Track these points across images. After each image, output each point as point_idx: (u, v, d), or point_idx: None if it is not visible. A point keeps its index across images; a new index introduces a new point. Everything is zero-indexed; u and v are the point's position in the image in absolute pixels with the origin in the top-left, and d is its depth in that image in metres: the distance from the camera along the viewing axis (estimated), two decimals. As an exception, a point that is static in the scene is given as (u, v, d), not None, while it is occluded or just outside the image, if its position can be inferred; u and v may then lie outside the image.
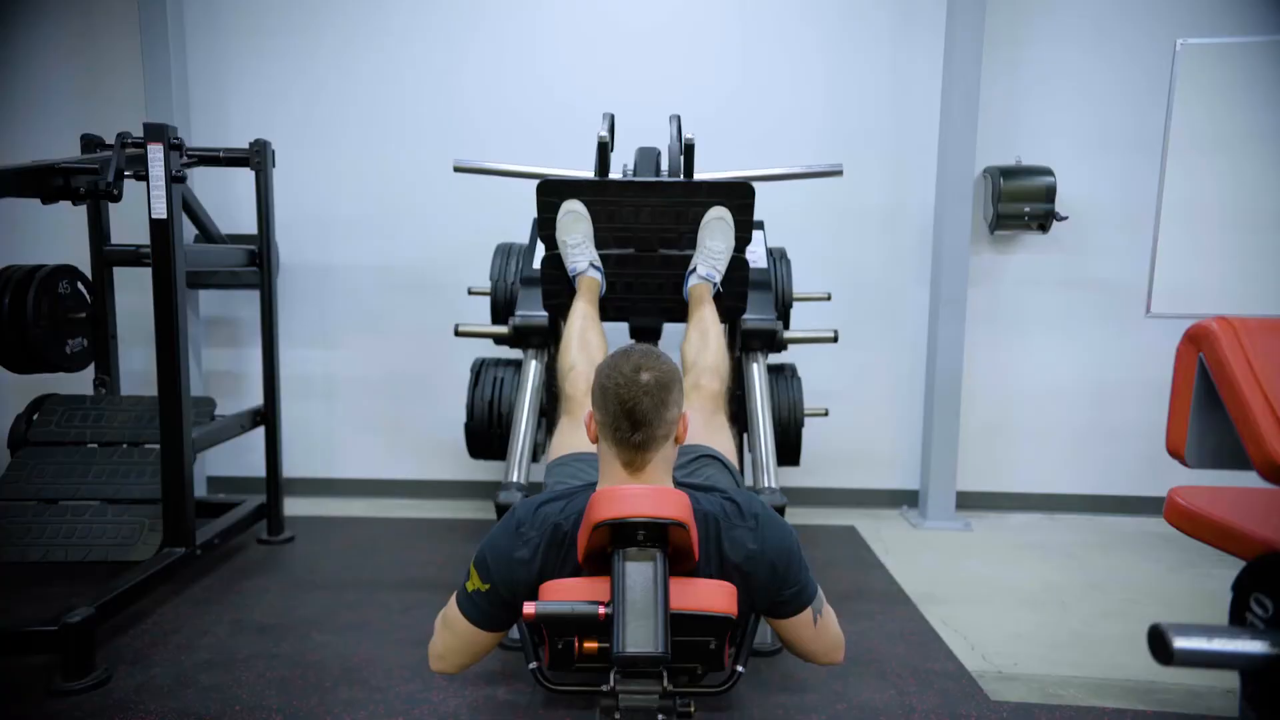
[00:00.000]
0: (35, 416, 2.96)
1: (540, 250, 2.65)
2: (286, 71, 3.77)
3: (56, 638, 2.05)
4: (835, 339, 2.58)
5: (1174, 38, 3.49)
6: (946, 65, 3.53)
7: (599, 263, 2.47)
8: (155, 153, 2.48)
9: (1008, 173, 3.57)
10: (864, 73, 3.71)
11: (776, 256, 3.18)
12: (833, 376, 3.77)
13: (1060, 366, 3.81)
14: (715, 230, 2.45)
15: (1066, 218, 3.60)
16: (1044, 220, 3.57)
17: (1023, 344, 3.81)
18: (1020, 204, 3.55)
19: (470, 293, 3.23)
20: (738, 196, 2.47)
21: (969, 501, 3.84)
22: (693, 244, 2.51)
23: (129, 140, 2.64)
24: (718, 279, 2.44)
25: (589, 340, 2.26)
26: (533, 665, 1.58)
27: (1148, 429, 3.65)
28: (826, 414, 3.30)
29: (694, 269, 2.46)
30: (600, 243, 2.51)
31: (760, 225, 3.06)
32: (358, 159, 3.81)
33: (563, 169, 3.23)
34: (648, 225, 2.51)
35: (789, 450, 3.07)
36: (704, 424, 2.04)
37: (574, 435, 2.01)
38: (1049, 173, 3.56)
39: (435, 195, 3.79)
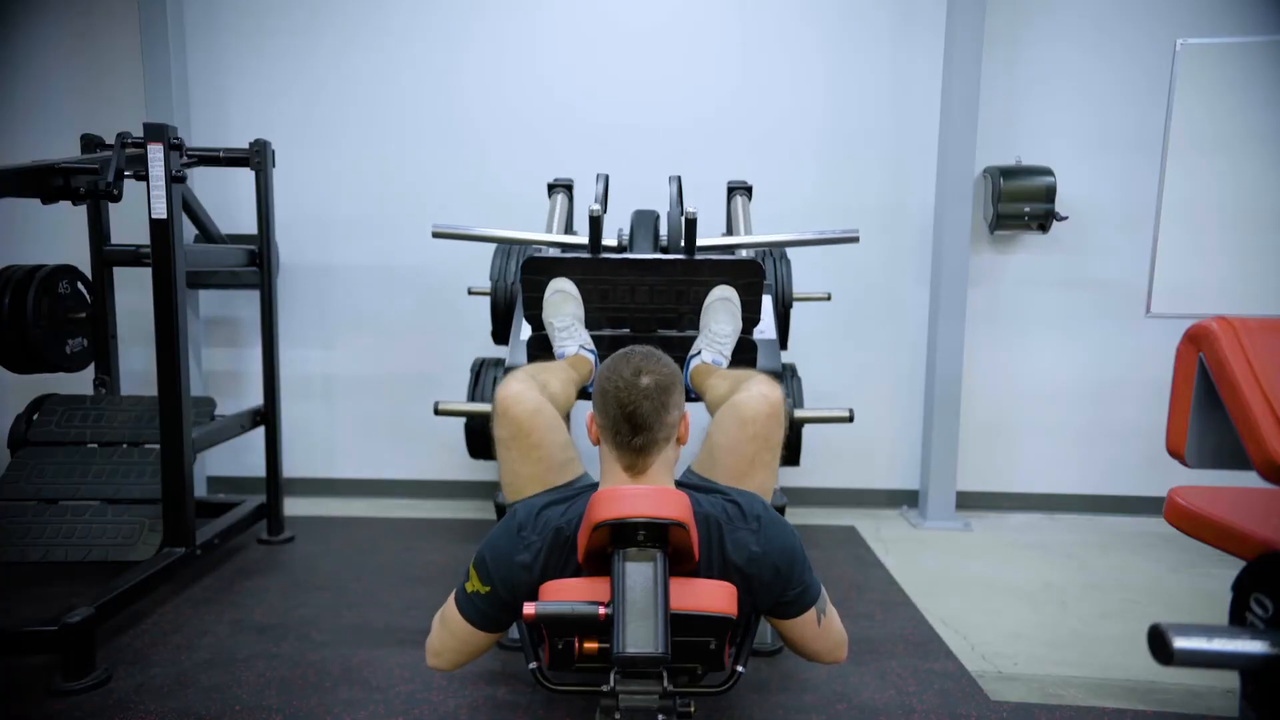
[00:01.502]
0: (35, 416, 2.96)
1: (526, 330, 2.45)
2: (286, 71, 3.77)
3: (56, 638, 2.05)
4: (850, 419, 2.46)
5: (1174, 38, 3.49)
6: (946, 65, 3.53)
7: (591, 345, 2.24)
8: (155, 153, 2.48)
9: (1008, 173, 3.57)
10: (864, 73, 3.71)
11: (776, 257, 3.17)
12: (833, 377, 3.77)
13: (1060, 366, 3.81)
14: (720, 312, 2.23)
15: (1066, 218, 3.60)
16: (1044, 220, 3.57)
17: (1023, 344, 3.81)
18: (1020, 204, 3.54)
19: (470, 293, 3.23)
20: (745, 275, 2.25)
21: (969, 501, 3.84)
22: (694, 325, 2.32)
23: (129, 140, 2.64)
24: (725, 364, 2.19)
25: (550, 368, 2.02)
26: (533, 665, 1.58)
27: (1148, 429, 3.65)
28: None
29: (697, 353, 2.21)
30: (592, 324, 2.32)
31: (768, 289, 2.94)
32: (358, 159, 3.81)
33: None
34: (645, 305, 2.30)
35: (789, 450, 3.04)
36: (749, 460, 1.72)
37: (525, 469, 1.72)
38: (1049, 173, 3.56)
39: (435, 195, 3.79)
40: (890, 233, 3.78)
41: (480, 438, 3.08)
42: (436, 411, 2.41)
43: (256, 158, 3.07)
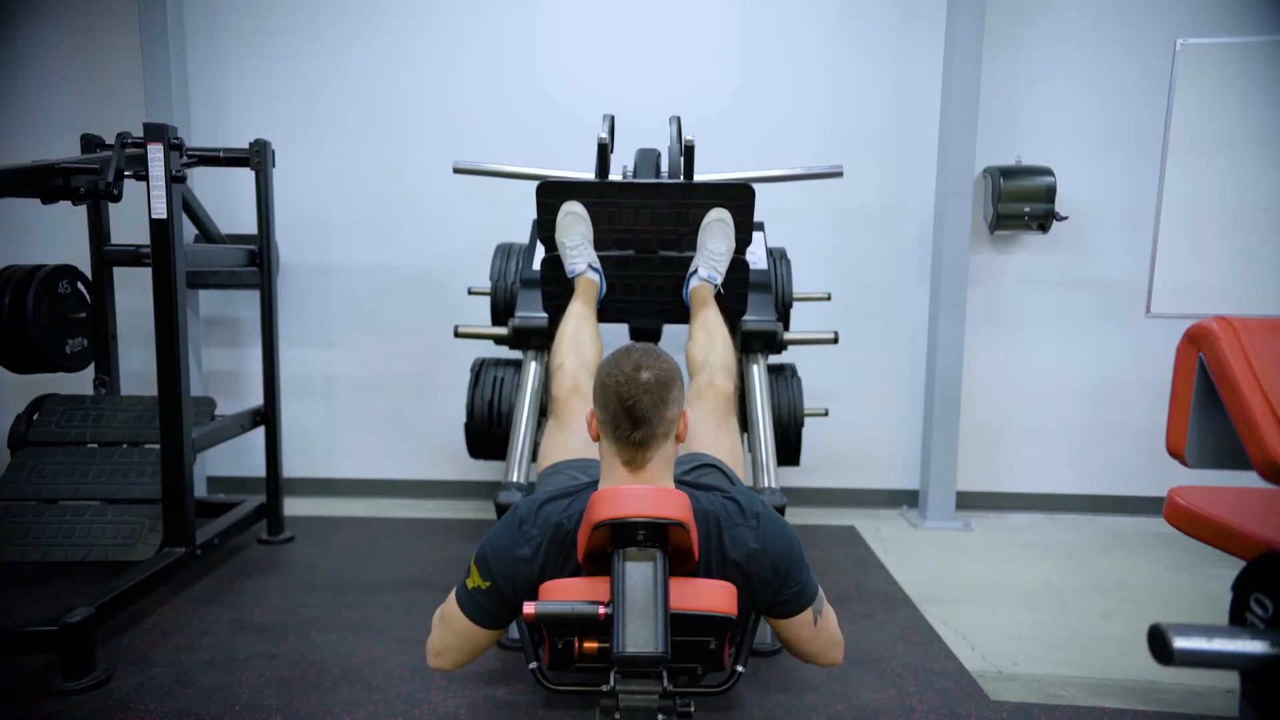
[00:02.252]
0: (35, 416, 2.96)
1: (540, 251, 2.65)
2: (286, 71, 3.77)
3: (56, 638, 2.05)
4: (835, 340, 2.58)
5: (1174, 38, 3.49)
6: (946, 65, 3.53)
7: (598, 264, 2.47)
8: (155, 153, 2.48)
9: (1008, 173, 3.57)
10: (864, 73, 3.71)
11: (776, 256, 3.17)
12: (832, 376, 3.77)
13: (1060, 366, 3.81)
14: (715, 232, 2.45)
15: (1066, 218, 3.60)
16: (1044, 220, 3.57)
17: (1023, 344, 3.81)
18: (1020, 204, 3.54)
19: (470, 293, 3.23)
20: (738, 198, 2.47)
21: (969, 501, 3.84)
22: (693, 246, 2.52)
23: (129, 140, 2.63)
24: (719, 280, 2.44)
25: (580, 340, 2.25)
26: (533, 665, 1.58)
27: (1148, 429, 3.65)
28: (826, 414, 3.30)
29: (694, 271, 2.46)
30: (600, 244, 2.51)
31: (760, 226, 3.06)
32: (358, 159, 3.81)
33: (563, 169, 3.24)
34: (647, 227, 2.51)
35: (789, 450, 3.07)
36: (715, 428, 2.03)
37: (561, 438, 2.01)
38: (1049, 173, 3.56)
39: (435, 195, 3.79)
40: (890, 233, 3.78)
41: (480, 438, 3.08)
42: (457, 334, 2.84)
43: (256, 158, 3.07)
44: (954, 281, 3.58)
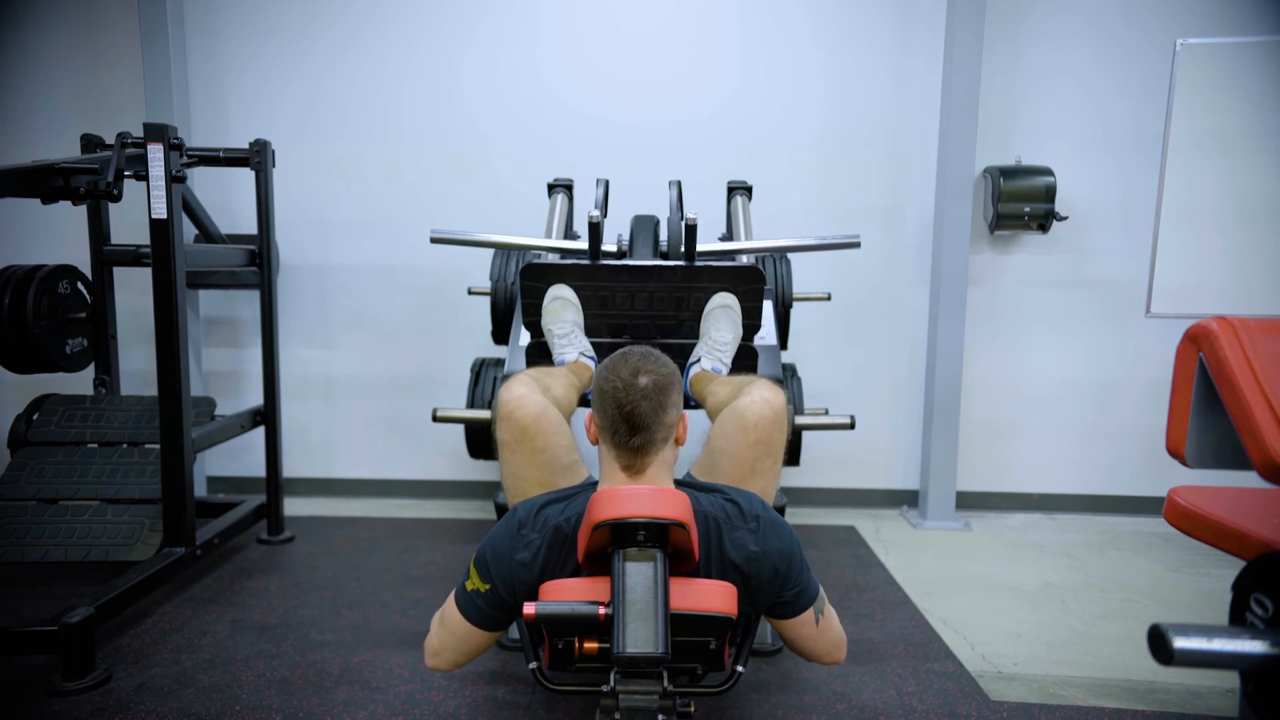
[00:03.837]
0: (35, 416, 2.96)
1: (525, 336, 2.42)
2: (286, 71, 3.77)
3: (56, 638, 2.05)
4: (852, 425, 2.42)
5: (1174, 38, 3.50)
6: (946, 65, 3.53)
7: (591, 352, 2.22)
8: (155, 153, 2.48)
9: (1008, 173, 3.57)
10: (864, 72, 3.71)
11: (776, 257, 3.17)
12: (832, 376, 3.77)
13: (1060, 366, 3.81)
14: (720, 319, 2.21)
15: (1066, 218, 3.60)
16: (1044, 220, 3.57)
17: (1023, 344, 3.81)
18: (1020, 204, 3.54)
19: (470, 292, 3.24)
20: (745, 281, 2.23)
21: (969, 501, 3.84)
22: (694, 332, 2.30)
23: (129, 140, 2.63)
24: (725, 372, 2.15)
25: (553, 372, 2.00)
26: (533, 665, 1.58)
27: (1148, 429, 3.66)
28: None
29: (697, 360, 2.19)
30: (591, 331, 2.30)
31: (770, 295, 2.93)
32: (358, 158, 3.81)
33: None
34: (644, 312, 2.29)
35: (789, 450, 3.04)
36: (750, 468, 1.72)
37: (530, 473, 1.72)
38: (1049, 173, 3.56)
39: (435, 195, 3.79)
40: (890, 233, 3.78)
41: (480, 438, 3.08)
42: (435, 418, 2.42)
43: (256, 158, 3.07)
44: (954, 281, 3.58)
